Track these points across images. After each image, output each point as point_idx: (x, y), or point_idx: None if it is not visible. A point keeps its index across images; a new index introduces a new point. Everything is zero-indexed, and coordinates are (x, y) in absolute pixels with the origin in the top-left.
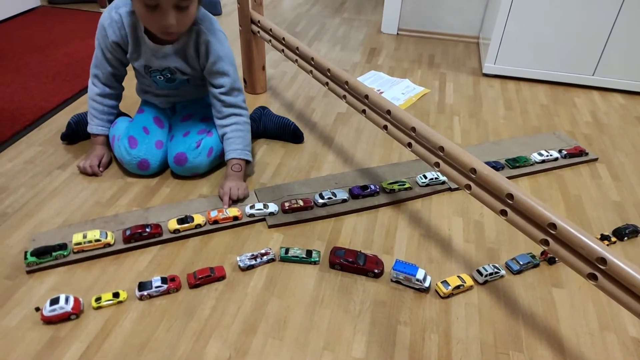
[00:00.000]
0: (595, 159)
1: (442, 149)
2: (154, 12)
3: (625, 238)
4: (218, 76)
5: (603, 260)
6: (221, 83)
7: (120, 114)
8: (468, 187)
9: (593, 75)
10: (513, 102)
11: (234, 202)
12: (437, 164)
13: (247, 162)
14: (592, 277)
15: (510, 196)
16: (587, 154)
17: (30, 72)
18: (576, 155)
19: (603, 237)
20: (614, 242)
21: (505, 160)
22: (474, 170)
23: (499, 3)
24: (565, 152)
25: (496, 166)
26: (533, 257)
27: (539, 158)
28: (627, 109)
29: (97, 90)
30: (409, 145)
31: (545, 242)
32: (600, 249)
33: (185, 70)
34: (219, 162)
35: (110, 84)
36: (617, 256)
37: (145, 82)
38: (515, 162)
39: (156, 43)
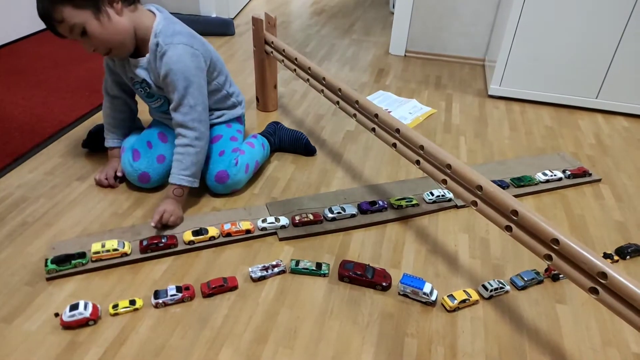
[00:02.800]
0: (599, 180)
1: (449, 166)
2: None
3: (628, 257)
4: (169, 90)
5: (604, 275)
6: (171, 97)
7: (138, 128)
8: (474, 203)
9: (597, 98)
10: (518, 123)
11: (163, 226)
12: (444, 181)
13: (185, 186)
14: (593, 291)
15: (515, 212)
16: (590, 174)
17: (50, 87)
18: (580, 176)
19: (606, 256)
20: (617, 261)
21: (510, 179)
22: (480, 188)
23: (505, 27)
24: (569, 173)
25: (501, 185)
26: (537, 273)
27: (543, 178)
28: (630, 132)
29: (108, 105)
30: (417, 162)
31: (548, 257)
32: (601, 263)
33: (156, 83)
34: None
35: (118, 94)
36: (617, 271)
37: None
38: (520, 181)
39: (133, 57)
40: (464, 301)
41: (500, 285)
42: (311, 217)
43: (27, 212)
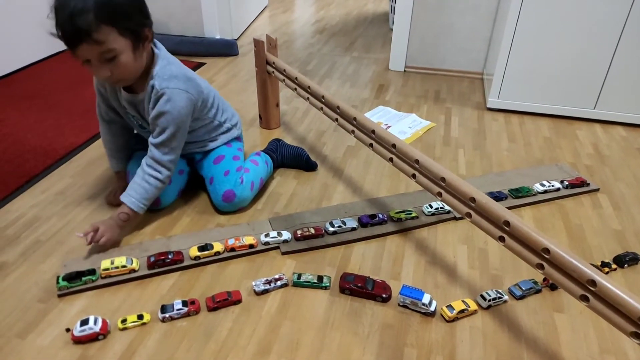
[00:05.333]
0: (597, 189)
1: (443, 179)
2: (90, 66)
3: (626, 265)
4: (155, 129)
5: (593, 282)
6: (156, 135)
7: (145, 148)
8: (469, 215)
9: (594, 108)
10: (516, 135)
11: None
12: (439, 194)
13: (137, 214)
14: (584, 298)
15: (507, 223)
16: (588, 184)
17: (61, 110)
18: (577, 186)
19: (604, 264)
20: (615, 269)
21: (509, 191)
22: (473, 200)
23: (501, 41)
24: (567, 183)
25: (499, 196)
26: (535, 283)
27: (541, 188)
28: (628, 141)
29: (105, 131)
30: (413, 176)
31: (540, 266)
32: (589, 271)
33: (146, 118)
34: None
35: (114, 118)
36: (605, 278)
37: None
38: (518, 193)
39: (126, 91)
40: (462, 311)
41: (499, 295)
42: (313, 231)
43: (40, 231)
